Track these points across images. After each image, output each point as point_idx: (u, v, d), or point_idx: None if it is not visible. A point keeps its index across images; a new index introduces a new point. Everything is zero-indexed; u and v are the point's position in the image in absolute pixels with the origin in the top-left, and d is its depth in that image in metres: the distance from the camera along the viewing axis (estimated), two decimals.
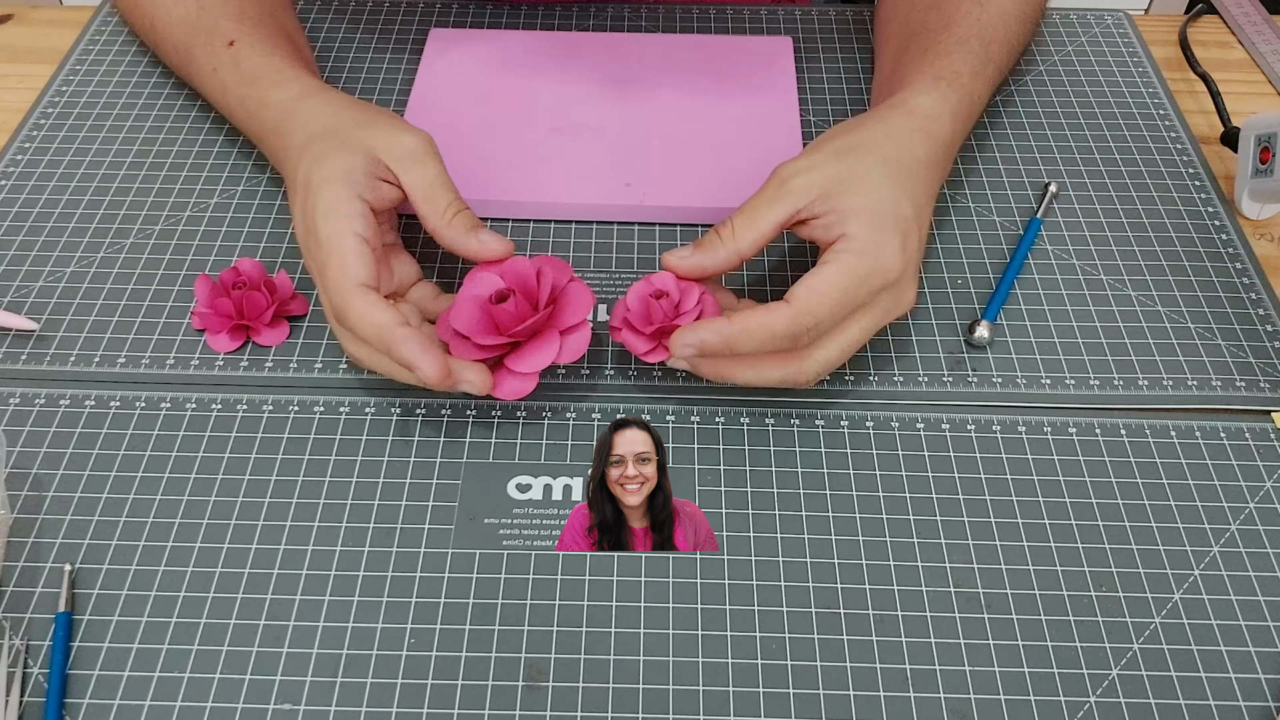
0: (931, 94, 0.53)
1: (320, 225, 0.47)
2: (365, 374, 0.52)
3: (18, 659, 0.42)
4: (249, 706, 0.41)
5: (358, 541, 0.46)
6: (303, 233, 0.48)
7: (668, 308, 0.48)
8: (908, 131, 0.51)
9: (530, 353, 0.48)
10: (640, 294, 0.49)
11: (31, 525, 0.46)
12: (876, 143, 0.50)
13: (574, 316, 0.48)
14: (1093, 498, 0.48)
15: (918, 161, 0.50)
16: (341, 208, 0.47)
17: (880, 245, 0.46)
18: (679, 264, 0.48)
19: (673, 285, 0.49)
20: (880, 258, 0.46)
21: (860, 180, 0.48)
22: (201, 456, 0.49)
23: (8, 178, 0.61)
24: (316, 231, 0.47)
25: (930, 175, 0.50)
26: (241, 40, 0.57)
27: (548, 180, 0.60)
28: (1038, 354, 0.53)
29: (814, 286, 0.45)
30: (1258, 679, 0.42)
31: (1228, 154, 0.64)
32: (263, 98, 0.55)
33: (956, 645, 0.43)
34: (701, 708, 0.41)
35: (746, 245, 0.48)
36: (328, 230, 0.46)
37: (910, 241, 0.47)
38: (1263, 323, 0.55)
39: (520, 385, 0.48)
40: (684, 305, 0.48)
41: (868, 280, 0.46)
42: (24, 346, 0.53)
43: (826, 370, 0.47)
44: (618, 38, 0.70)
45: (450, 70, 0.67)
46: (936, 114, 0.52)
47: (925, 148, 0.51)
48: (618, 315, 0.50)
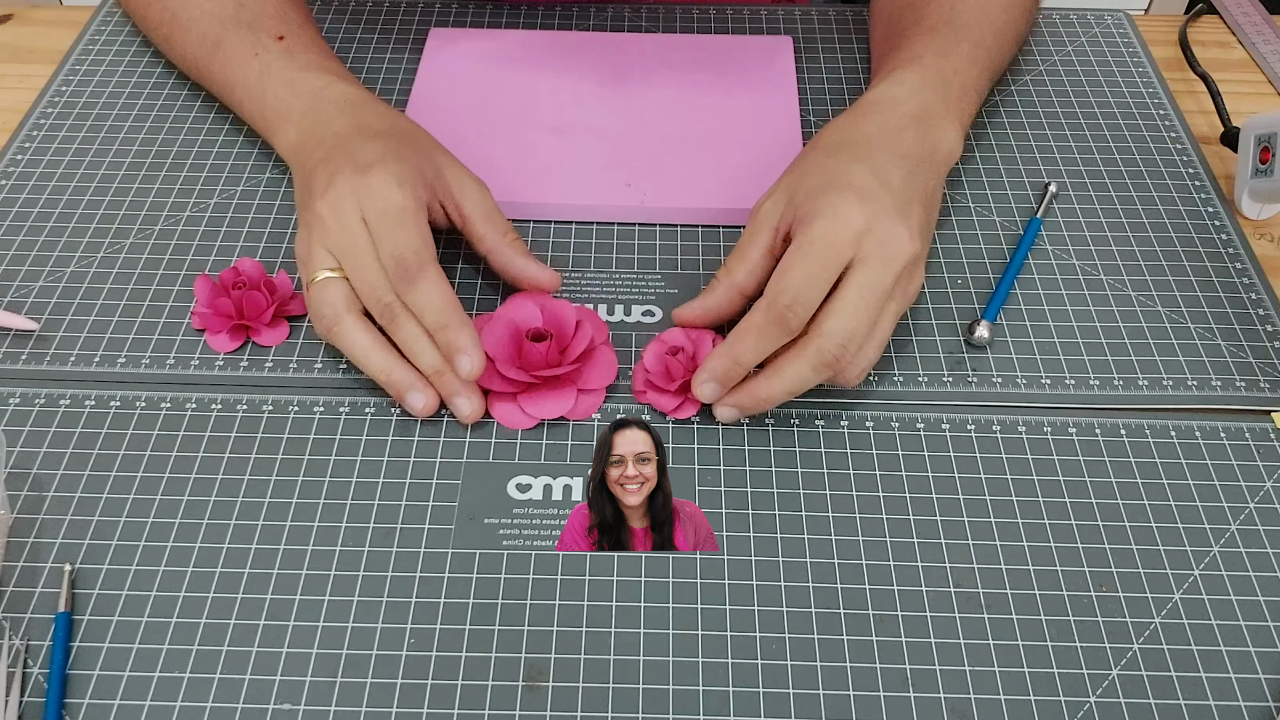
0: (884, 83, 0.55)
1: (397, 193, 0.49)
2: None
3: (18, 659, 0.42)
4: (249, 706, 0.41)
5: (357, 541, 0.46)
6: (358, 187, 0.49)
7: (685, 361, 0.50)
8: (853, 119, 0.53)
9: (545, 399, 0.50)
10: (657, 354, 0.51)
11: (31, 525, 0.46)
12: (820, 140, 0.52)
13: (596, 381, 0.50)
14: (1093, 498, 0.48)
15: (868, 136, 0.51)
16: (419, 190, 0.50)
17: (830, 206, 0.47)
18: (687, 313, 0.51)
19: (685, 339, 0.51)
20: (831, 217, 0.46)
21: (809, 174, 0.49)
22: (201, 456, 0.49)
23: (8, 178, 0.61)
24: (391, 197, 0.48)
25: (890, 143, 0.51)
26: (292, 39, 0.59)
27: (548, 180, 0.60)
28: (1038, 354, 0.53)
29: (778, 268, 0.47)
30: (1258, 679, 0.42)
31: (1228, 154, 0.64)
32: (324, 84, 0.56)
33: (956, 645, 0.43)
34: (701, 708, 0.41)
35: (741, 278, 0.50)
36: (403, 198, 0.49)
37: (872, 197, 0.47)
38: (1263, 323, 0.55)
39: (521, 420, 0.50)
40: (700, 356, 0.50)
41: (825, 240, 0.46)
42: (24, 346, 0.53)
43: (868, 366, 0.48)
44: (618, 37, 0.70)
45: (450, 70, 0.67)
46: (889, 96, 0.54)
47: (875, 122, 0.52)
48: (639, 379, 0.51)
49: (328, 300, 0.49)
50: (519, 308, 0.51)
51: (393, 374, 0.48)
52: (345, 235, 0.48)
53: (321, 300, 0.49)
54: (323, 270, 0.49)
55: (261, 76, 0.57)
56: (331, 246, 0.49)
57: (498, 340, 0.49)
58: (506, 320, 0.50)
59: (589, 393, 0.50)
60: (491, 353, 0.49)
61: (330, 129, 0.53)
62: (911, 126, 0.52)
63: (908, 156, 0.50)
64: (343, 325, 0.49)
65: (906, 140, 0.51)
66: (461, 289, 0.56)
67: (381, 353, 0.48)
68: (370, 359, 0.48)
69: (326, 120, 0.54)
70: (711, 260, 0.57)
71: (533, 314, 0.51)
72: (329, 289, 0.49)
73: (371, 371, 0.49)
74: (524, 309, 0.51)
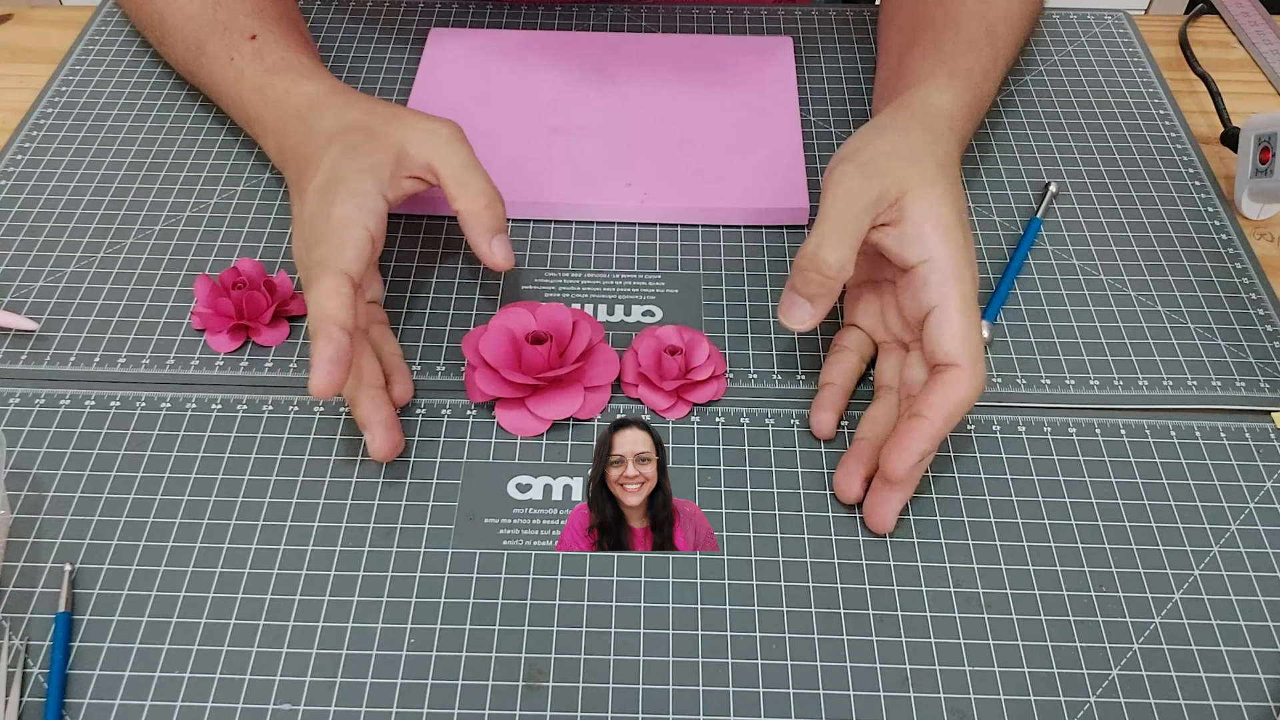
0: (949, 92, 0.53)
1: (336, 207, 0.47)
2: None
3: (18, 659, 0.42)
4: (249, 706, 0.41)
5: (357, 541, 0.46)
6: (311, 212, 0.48)
7: (681, 363, 0.50)
8: (943, 132, 0.50)
9: (553, 400, 0.50)
10: (653, 350, 0.50)
11: (31, 525, 0.46)
12: (930, 149, 0.49)
13: (600, 378, 0.50)
14: (1093, 498, 0.48)
15: (955, 163, 0.50)
16: (363, 199, 0.48)
17: (963, 260, 0.46)
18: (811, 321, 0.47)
19: (677, 337, 0.51)
20: (968, 267, 0.46)
21: (925, 188, 0.46)
22: (201, 456, 0.49)
23: (8, 178, 0.61)
24: (330, 213, 0.47)
25: (960, 174, 0.50)
26: (264, 36, 0.58)
27: (548, 180, 0.60)
28: (1038, 354, 0.53)
29: (956, 332, 0.45)
30: (1258, 679, 0.42)
31: (1228, 154, 0.64)
32: (288, 87, 0.55)
33: (956, 645, 0.43)
34: (701, 708, 0.41)
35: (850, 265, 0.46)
36: (342, 212, 0.47)
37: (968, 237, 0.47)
38: (1263, 323, 0.55)
39: (533, 425, 0.50)
40: (693, 360, 0.50)
41: (973, 292, 0.46)
42: (24, 346, 0.53)
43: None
44: (618, 38, 0.70)
45: (450, 70, 0.67)
46: (955, 112, 0.52)
47: (956, 147, 0.51)
48: (630, 371, 0.51)
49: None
50: (513, 316, 0.51)
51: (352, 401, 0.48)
52: (301, 258, 0.49)
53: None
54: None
55: (237, 83, 0.57)
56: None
57: (496, 348, 0.49)
58: (502, 328, 0.50)
59: (595, 390, 0.50)
60: (492, 361, 0.49)
61: (292, 140, 0.53)
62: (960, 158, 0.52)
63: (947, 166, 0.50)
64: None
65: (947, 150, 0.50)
66: (461, 289, 0.56)
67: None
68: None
69: (289, 132, 0.54)
70: (711, 260, 0.57)
71: (527, 320, 0.51)
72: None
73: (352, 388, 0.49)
74: (518, 317, 0.51)
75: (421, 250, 0.58)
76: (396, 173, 0.50)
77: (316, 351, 0.44)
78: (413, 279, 0.56)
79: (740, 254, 0.58)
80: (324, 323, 0.44)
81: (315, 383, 0.43)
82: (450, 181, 0.50)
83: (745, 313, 0.55)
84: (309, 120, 0.53)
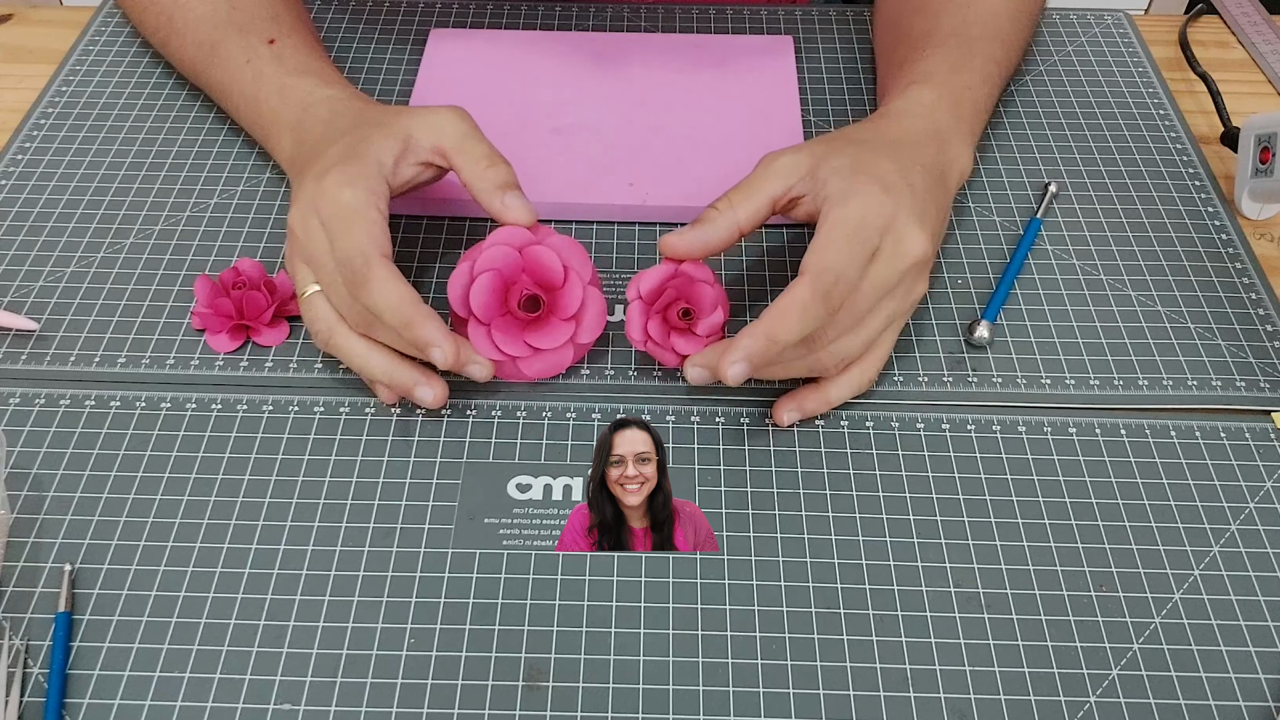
0: (902, 97, 0.55)
1: (345, 192, 0.48)
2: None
3: (18, 659, 0.42)
4: (249, 706, 0.41)
5: (358, 541, 0.46)
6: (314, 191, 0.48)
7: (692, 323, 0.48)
8: (875, 125, 0.53)
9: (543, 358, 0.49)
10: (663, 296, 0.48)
11: (31, 525, 0.46)
12: (844, 132, 0.52)
13: (589, 335, 0.50)
14: (1093, 498, 0.48)
15: (893, 140, 0.51)
16: (370, 183, 0.48)
17: (860, 190, 0.46)
18: (680, 244, 0.48)
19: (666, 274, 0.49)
20: (866, 199, 0.46)
21: (837, 154, 0.49)
22: (201, 456, 0.49)
23: (8, 178, 0.61)
24: (339, 198, 0.47)
25: (911, 152, 0.50)
26: (283, 41, 0.59)
27: (549, 180, 0.60)
28: (1038, 354, 0.53)
29: (816, 245, 0.45)
30: (1258, 679, 0.42)
31: (1228, 154, 0.64)
32: (311, 89, 0.56)
33: (956, 645, 0.43)
34: (701, 708, 0.41)
35: (745, 217, 0.48)
36: (352, 196, 0.47)
37: (896, 192, 0.47)
38: (1263, 323, 0.55)
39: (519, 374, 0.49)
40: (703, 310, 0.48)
41: (862, 222, 0.46)
42: (24, 346, 0.53)
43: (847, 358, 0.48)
44: (618, 37, 0.70)
45: (451, 70, 0.67)
46: (908, 109, 0.54)
47: (897, 131, 0.52)
48: (637, 326, 0.49)
49: (319, 316, 0.49)
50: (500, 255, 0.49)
51: (395, 374, 0.48)
52: (309, 245, 0.48)
53: (313, 317, 0.49)
54: (309, 285, 0.49)
55: (255, 83, 0.57)
56: (304, 258, 0.49)
57: (484, 301, 0.48)
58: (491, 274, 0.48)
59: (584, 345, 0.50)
60: (480, 314, 0.48)
61: (312, 139, 0.54)
62: (929, 142, 0.52)
63: (928, 169, 0.50)
64: (336, 337, 0.48)
65: (927, 154, 0.51)
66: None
67: (380, 355, 0.48)
68: (370, 364, 0.48)
69: (310, 131, 0.54)
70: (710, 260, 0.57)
71: (514, 259, 0.49)
72: (315, 304, 0.49)
73: (374, 375, 0.49)
74: (507, 256, 0.49)
75: (422, 250, 0.58)
76: (401, 159, 0.50)
77: (425, 334, 0.45)
78: (412, 279, 0.56)
79: (740, 253, 0.58)
80: (409, 306, 0.46)
81: (447, 358, 0.46)
82: (453, 153, 0.51)
83: (745, 312, 0.55)
84: (330, 121, 0.54)
